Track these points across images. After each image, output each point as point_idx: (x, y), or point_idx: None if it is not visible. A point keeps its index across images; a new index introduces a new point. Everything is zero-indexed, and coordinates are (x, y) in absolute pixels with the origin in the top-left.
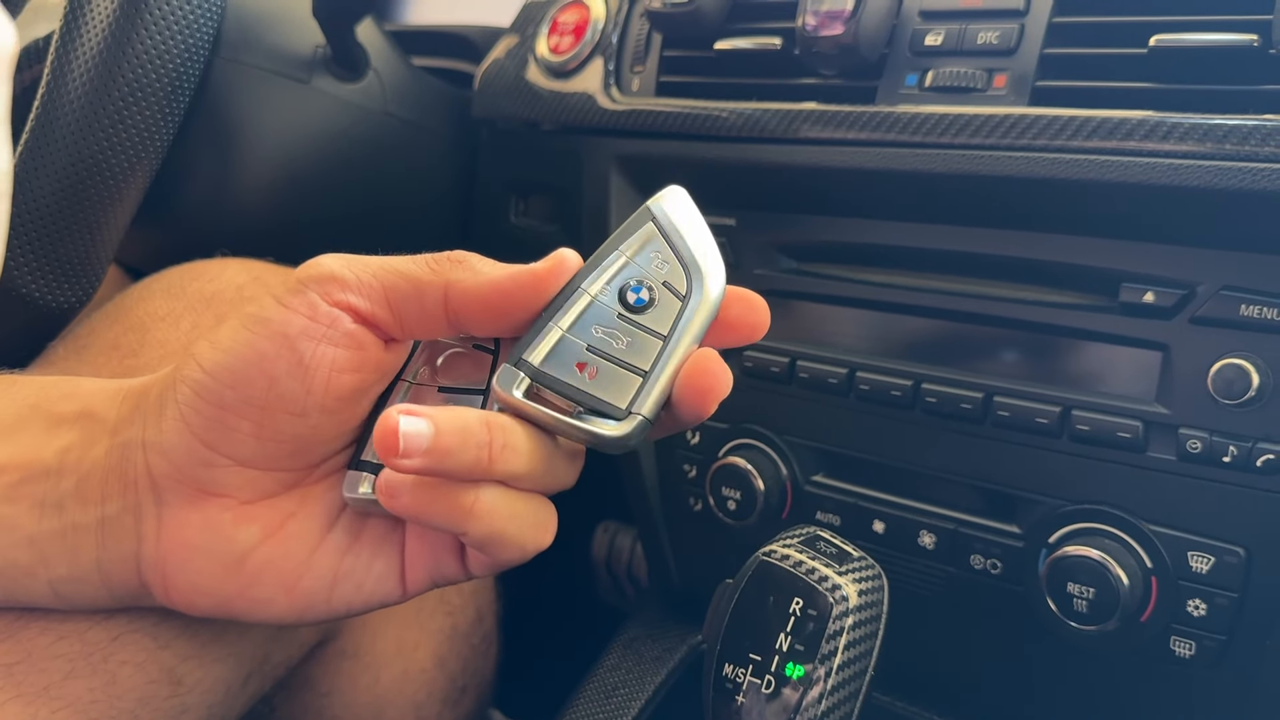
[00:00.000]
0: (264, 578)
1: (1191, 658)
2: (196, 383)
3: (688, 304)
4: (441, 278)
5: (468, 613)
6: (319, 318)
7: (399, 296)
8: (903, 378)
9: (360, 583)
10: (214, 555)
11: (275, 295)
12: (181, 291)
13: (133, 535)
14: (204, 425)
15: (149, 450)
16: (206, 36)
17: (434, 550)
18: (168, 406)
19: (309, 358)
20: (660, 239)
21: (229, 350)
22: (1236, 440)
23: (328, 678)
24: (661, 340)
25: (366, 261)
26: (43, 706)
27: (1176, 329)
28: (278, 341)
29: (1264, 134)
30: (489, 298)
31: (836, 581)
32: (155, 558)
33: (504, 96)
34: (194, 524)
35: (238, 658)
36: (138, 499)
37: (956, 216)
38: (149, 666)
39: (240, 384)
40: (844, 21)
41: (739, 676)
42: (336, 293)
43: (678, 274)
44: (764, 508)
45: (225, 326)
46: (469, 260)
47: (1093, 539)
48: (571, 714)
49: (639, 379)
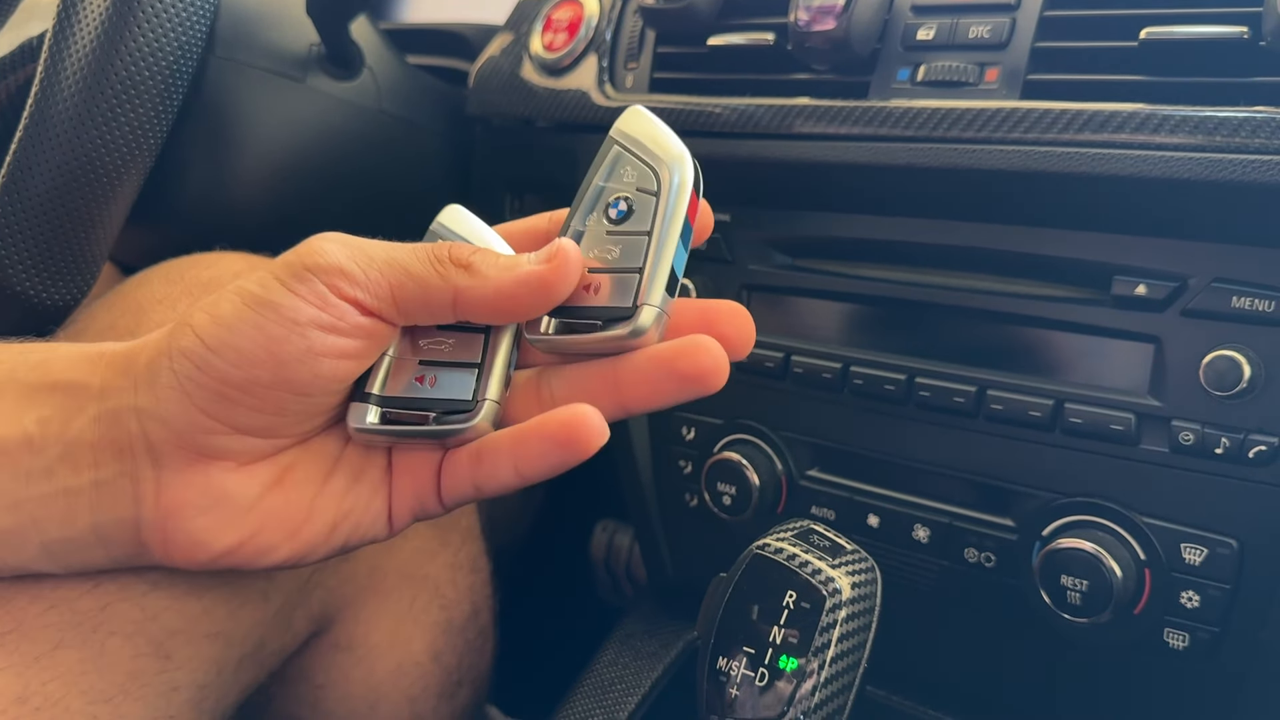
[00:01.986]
0: (267, 528)
1: (1185, 649)
2: (199, 357)
3: (659, 197)
4: (449, 284)
5: (463, 607)
6: (329, 308)
7: (405, 295)
8: (896, 372)
9: (358, 522)
10: (217, 514)
11: (279, 279)
12: (179, 277)
13: (130, 498)
14: (205, 398)
15: (144, 417)
16: (200, 34)
17: (417, 487)
18: (162, 374)
19: (318, 345)
20: (625, 154)
21: (234, 329)
22: (1229, 432)
23: (322, 670)
24: (646, 235)
25: (371, 255)
26: (33, 678)
27: (1168, 321)
28: (287, 328)
29: (1254, 126)
30: (496, 303)
31: (829, 574)
32: (155, 519)
33: (499, 94)
34: (195, 485)
35: (227, 638)
36: (134, 463)
37: (949, 211)
38: (137, 638)
39: (247, 364)
40: (836, 16)
41: (732, 669)
42: (345, 287)
43: (646, 176)
44: (759, 503)
45: (224, 301)
46: (475, 264)
47: (1086, 531)
48: (568, 710)
49: (636, 276)
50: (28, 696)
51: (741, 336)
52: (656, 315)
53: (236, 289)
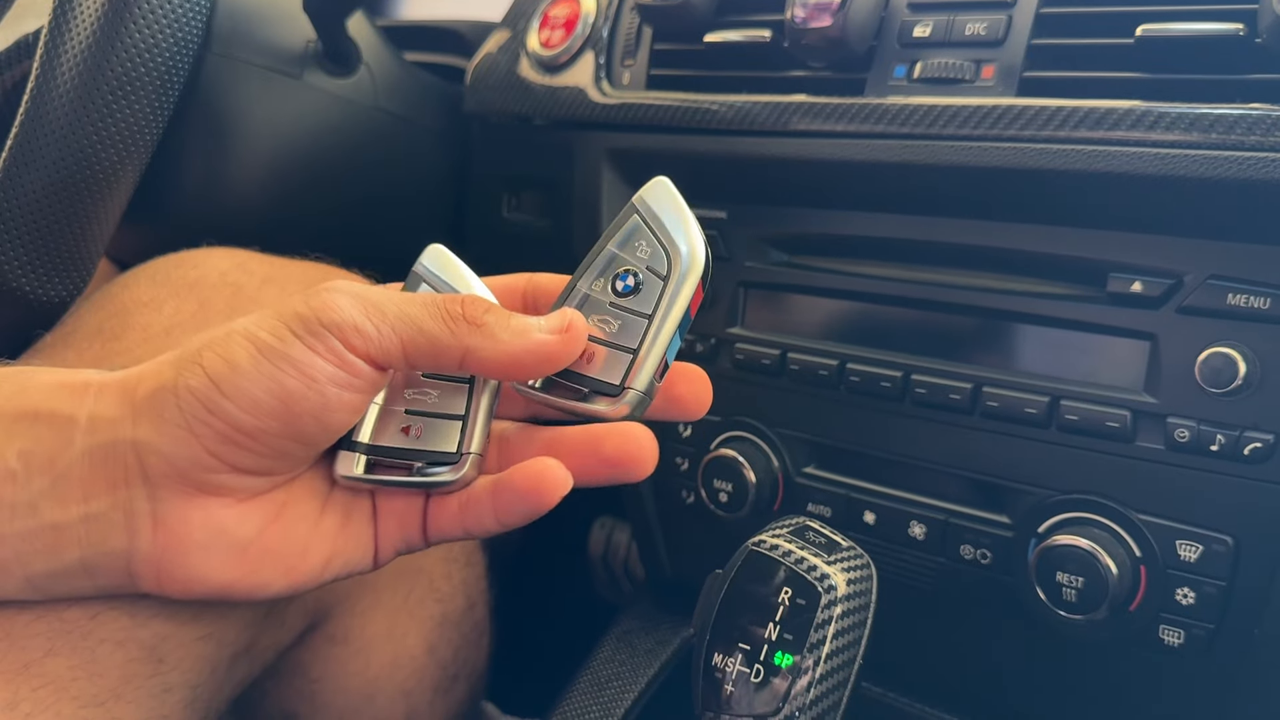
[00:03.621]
0: (264, 564)
1: (1180, 646)
2: (210, 400)
3: (668, 283)
4: (460, 343)
5: (457, 601)
6: (345, 366)
7: (415, 349)
8: (892, 369)
9: (348, 559)
10: (215, 549)
11: (294, 331)
12: (165, 278)
13: (123, 531)
14: (212, 440)
15: (144, 450)
16: (196, 30)
17: (402, 526)
18: (167, 410)
19: (333, 401)
20: (644, 227)
21: (250, 379)
22: (1224, 429)
23: (318, 663)
24: (647, 319)
25: (384, 310)
26: (23, 685)
27: (1164, 318)
28: (305, 383)
29: (1250, 123)
30: (503, 365)
31: (825, 571)
32: (150, 553)
33: (495, 91)
34: (194, 521)
35: (219, 638)
36: (128, 496)
37: (946, 208)
38: (129, 644)
39: (260, 414)
40: (832, 14)
41: (728, 666)
42: (359, 344)
43: (659, 257)
44: (755, 500)
45: (236, 347)
46: (489, 326)
47: (1082, 528)
48: (565, 707)
49: (630, 356)
50: (18, 703)
51: (697, 399)
52: (639, 400)
53: (248, 335)
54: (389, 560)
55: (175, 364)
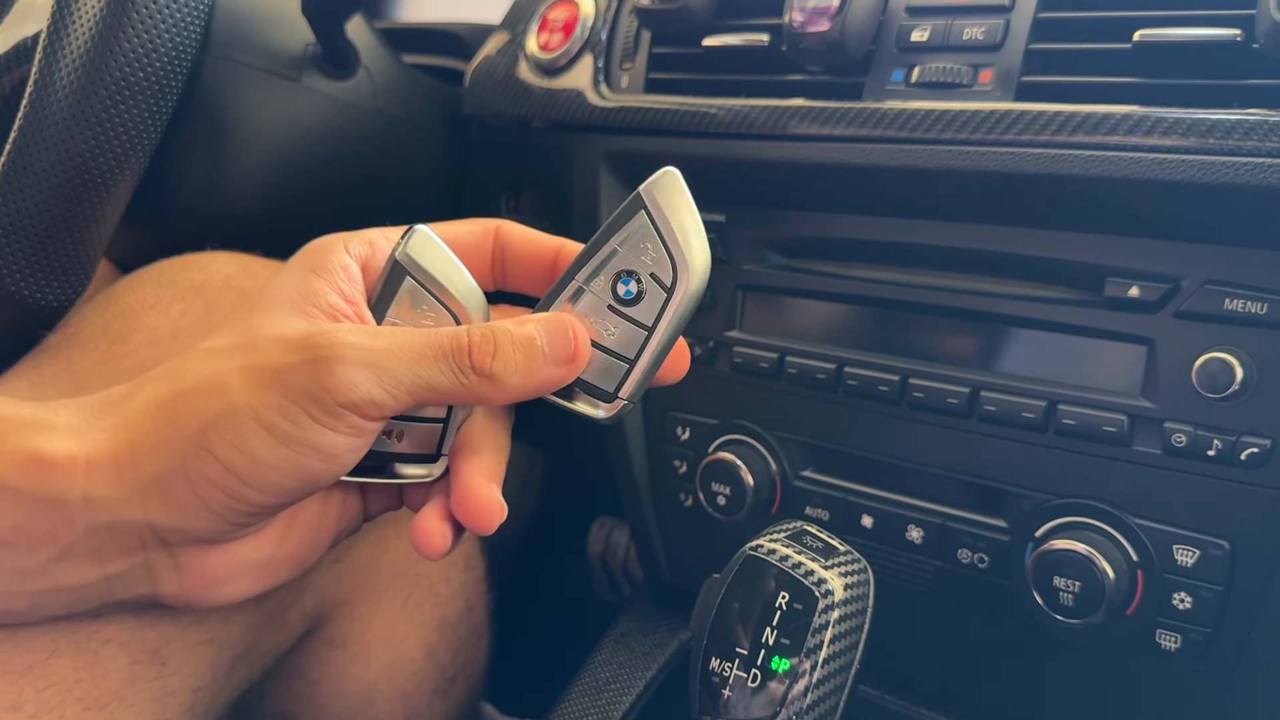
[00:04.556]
0: (284, 570)
1: (1177, 650)
2: (234, 490)
3: (671, 296)
4: (472, 395)
5: (456, 604)
6: (362, 434)
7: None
8: (890, 373)
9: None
10: (238, 579)
11: (310, 414)
12: (171, 280)
13: (147, 583)
14: (236, 516)
15: (160, 529)
16: (194, 34)
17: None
18: (182, 496)
19: (350, 462)
20: (650, 229)
21: (274, 468)
22: (1221, 434)
23: (317, 667)
24: (647, 332)
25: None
26: (27, 686)
27: (1161, 323)
28: (328, 460)
29: (1247, 128)
30: (512, 400)
31: (822, 575)
32: (178, 593)
33: (494, 94)
34: (216, 565)
35: (221, 642)
36: (146, 558)
37: (943, 212)
38: (132, 646)
39: (284, 493)
40: (830, 18)
41: (725, 670)
42: (375, 414)
43: (664, 265)
44: (753, 503)
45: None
46: (498, 376)
47: (1079, 533)
48: (563, 709)
49: (626, 367)
50: (22, 704)
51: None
52: (626, 410)
53: (258, 419)
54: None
55: (174, 443)
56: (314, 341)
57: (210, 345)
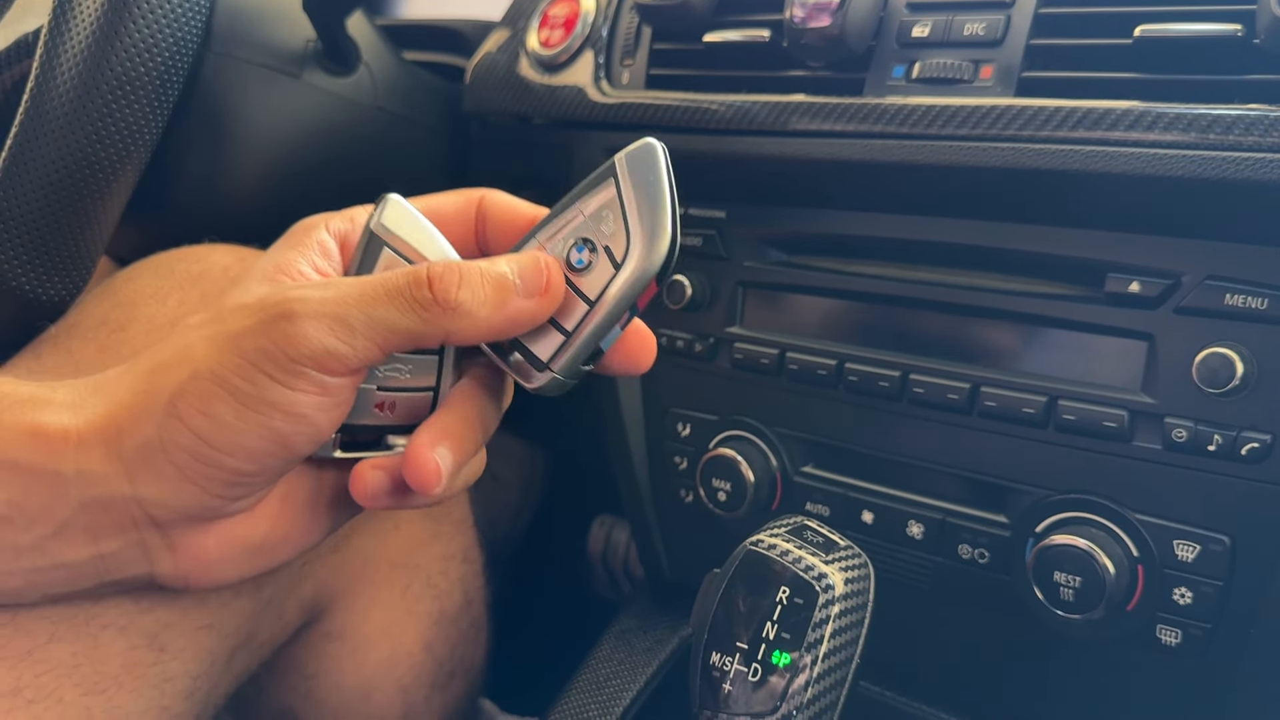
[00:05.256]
0: (278, 551)
1: (1177, 646)
2: (206, 456)
3: (619, 273)
4: (439, 329)
5: (455, 597)
6: (327, 391)
7: (394, 346)
8: (891, 369)
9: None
10: (235, 558)
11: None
12: (169, 271)
13: (142, 562)
14: (216, 485)
15: (148, 504)
16: (195, 30)
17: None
18: (163, 468)
19: (324, 424)
20: (616, 200)
21: (241, 431)
22: (1221, 429)
23: (314, 659)
24: (588, 305)
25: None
26: (26, 670)
27: (1161, 319)
28: (294, 421)
29: (1248, 123)
30: (485, 336)
31: (823, 570)
32: (174, 573)
33: (495, 90)
34: (210, 545)
35: (220, 629)
36: (140, 536)
37: (944, 208)
38: (131, 631)
39: (258, 457)
40: (831, 13)
41: (726, 664)
42: (337, 367)
43: (619, 239)
44: (754, 499)
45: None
46: (463, 304)
47: (1079, 528)
48: (563, 705)
49: (562, 339)
50: (21, 689)
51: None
52: (555, 384)
53: (218, 380)
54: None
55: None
56: (267, 302)
57: (188, 321)
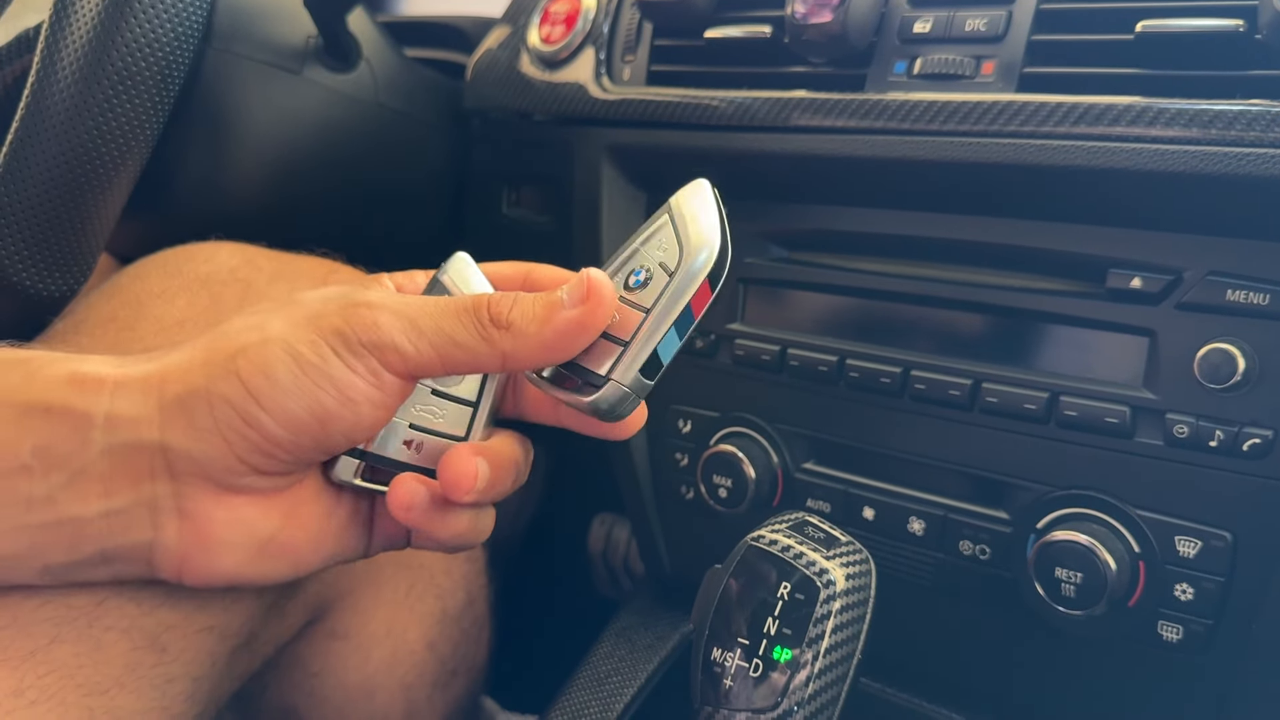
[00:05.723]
0: (280, 559)
1: (1178, 642)
2: (247, 412)
3: (673, 279)
4: (496, 349)
5: (457, 596)
6: (382, 385)
7: (452, 362)
8: (892, 365)
9: (346, 552)
10: (238, 545)
11: (333, 348)
12: (177, 270)
13: (148, 526)
14: (245, 448)
15: (172, 454)
16: (196, 26)
17: (394, 530)
18: (199, 418)
19: (366, 418)
20: (669, 225)
21: (290, 394)
22: (1223, 425)
23: (318, 658)
24: (644, 312)
25: (421, 328)
26: (29, 672)
27: (1163, 314)
28: (342, 403)
29: (1250, 119)
30: (541, 355)
31: (824, 566)
32: (175, 547)
33: (496, 87)
34: (219, 519)
35: (221, 630)
36: (153, 494)
37: (945, 204)
38: (133, 633)
39: (296, 429)
40: (832, 9)
41: (727, 660)
42: (397, 364)
43: (672, 253)
44: (755, 495)
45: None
46: (516, 324)
47: (1080, 524)
48: (564, 702)
49: (620, 349)
50: (23, 690)
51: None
52: (622, 395)
53: (286, 347)
54: (377, 554)
55: (205, 367)
56: (350, 295)
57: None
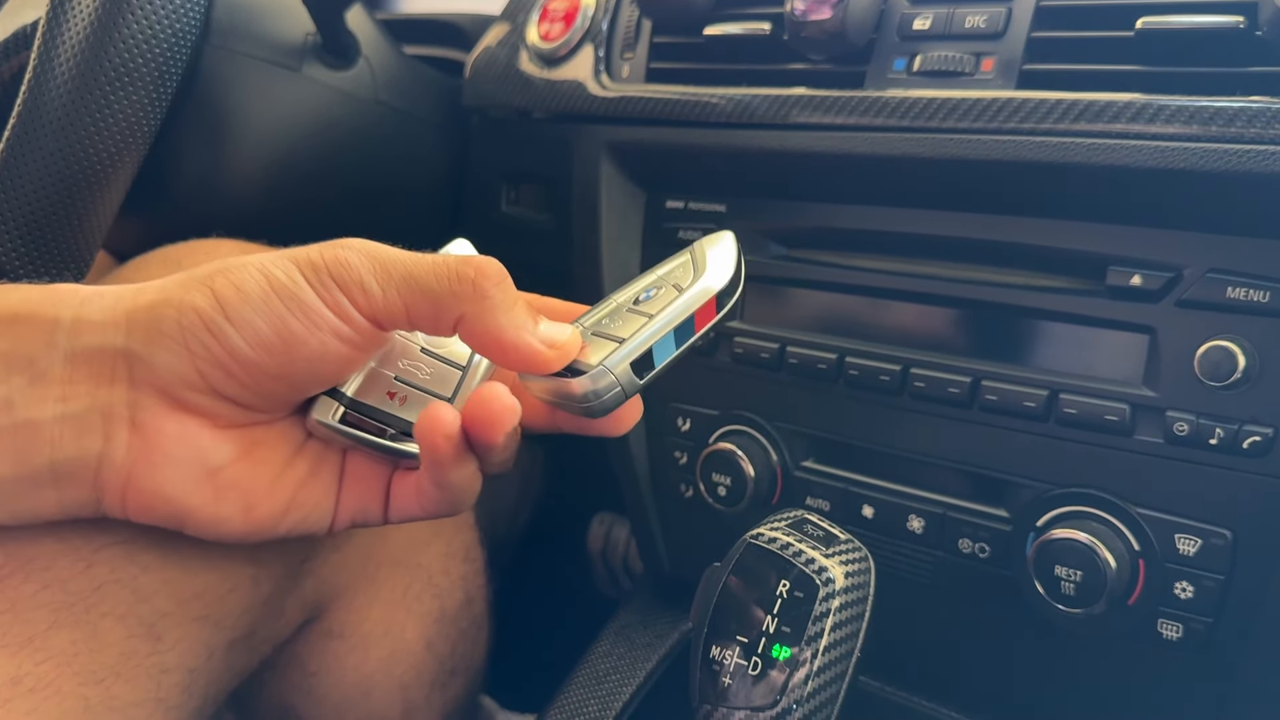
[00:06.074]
0: (228, 496)
1: (1178, 640)
2: (214, 322)
3: (683, 293)
4: (458, 305)
5: (455, 595)
6: (348, 320)
7: (418, 312)
8: (891, 363)
9: (306, 514)
10: (186, 467)
11: (306, 277)
12: (177, 264)
13: (99, 434)
14: (207, 360)
15: (133, 361)
16: (194, 22)
17: (365, 495)
18: (166, 326)
19: (331, 351)
20: (688, 258)
21: (258, 309)
22: (1223, 422)
23: (315, 657)
24: (646, 318)
25: (390, 271)
26: (27, 659)
27: (1163, 312)
28: (308, 328)
29: (1250, 115)
30: (490, 345)
31: (823, 564)
32: (124, 461)
33: (495, 84)
34: (170, 434)
35: (217, 621)
36: (109, 400)
37: (945, 201)
38: (129, 620)
39: (260, 347)
40: (832, 6)
41: (725, 658)
42: (363, 302)
43: (687, 276)
44: (754, 493)
45: (249, 277)
46: (492, 298)
47: (1080, 522)
48: (562, 701)
49: (615, 344)
50: (21, 678)
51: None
52: (609, 384)
53: (261, 269)
54: (343, 528)
55: (182, 283)
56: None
57: None
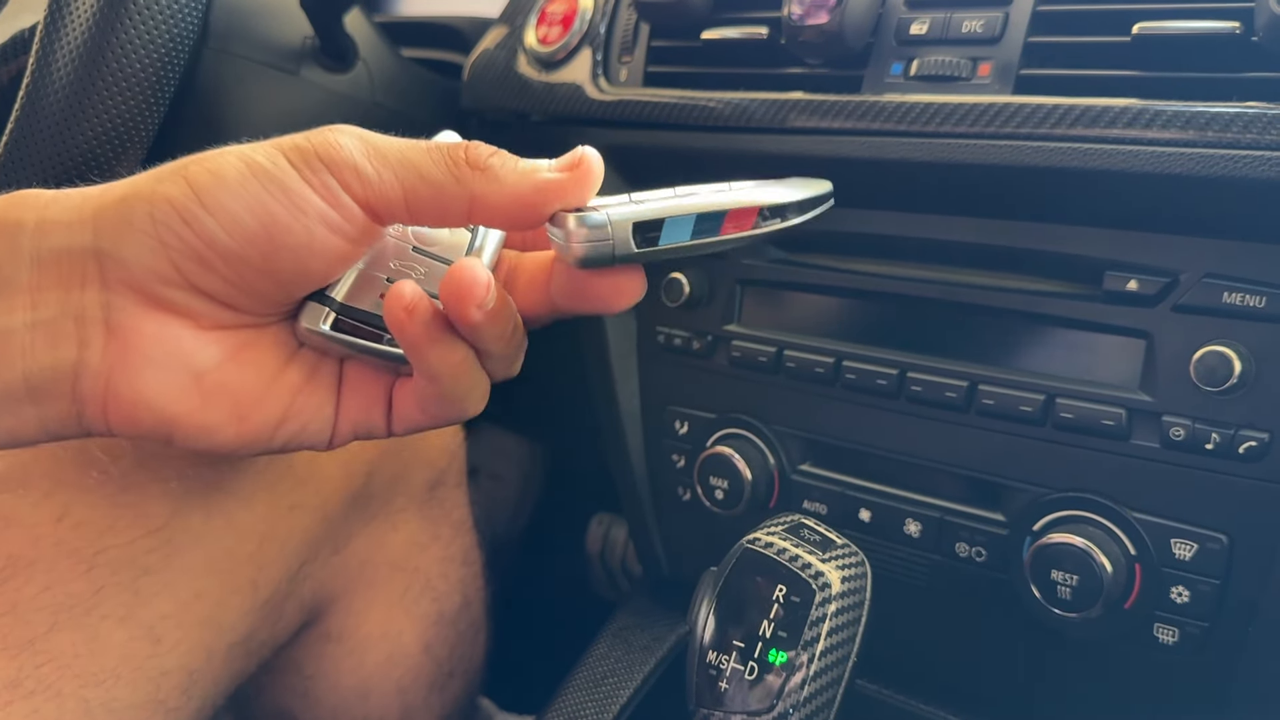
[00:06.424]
0: (216, 402)
1: (1174, 644)
2: (188, 211)
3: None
4: (466, 190)
5: (454, 599)
6: (339, 207)
7: (418, 200)
8: (888, 366)
9: (304, 425)
10: (168, 369)
11: (290, 160)
12: None
13: (73, 341)
14: (183, 253)
15: (103, 259)
16: (192, 26)
17: (366, 405)
18: (136, 219)
19: (319, 242)
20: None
21: (236, 195)
22: (1219, 427)
23: (312, 660)
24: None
25: (385, 154)
26: (27, 661)
27: (1159, 317)
28: (293, 215)
29: (1246, 121)
30: (512, 211)
31: (819, 568)
32: (101, 367)
33: (493, 87)
34: (148, 335)
35: (217, 624)
36: (81, 302)
37: (942, 206)
38: (129, 622)
39: (240, 236)
40: (829, 10)
41: (722, 663)
42: (356, 186)
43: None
44: (751, 497)
45: (226, 163)
46: (492, 167)
47: (1076, 526)
48: (561, 703)
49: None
50: (21, 680)
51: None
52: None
53: (241, 154)
54: (345, 441)
55: (154, 174)
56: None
57: None
